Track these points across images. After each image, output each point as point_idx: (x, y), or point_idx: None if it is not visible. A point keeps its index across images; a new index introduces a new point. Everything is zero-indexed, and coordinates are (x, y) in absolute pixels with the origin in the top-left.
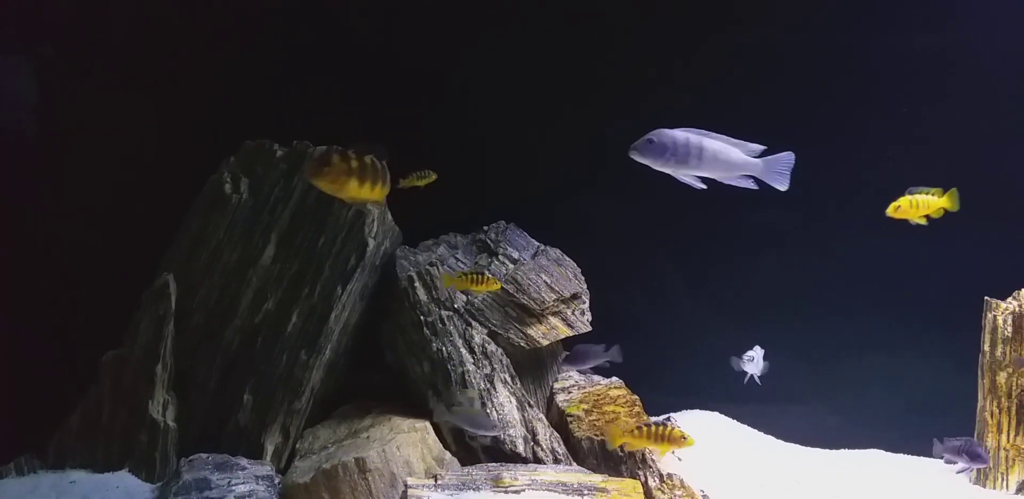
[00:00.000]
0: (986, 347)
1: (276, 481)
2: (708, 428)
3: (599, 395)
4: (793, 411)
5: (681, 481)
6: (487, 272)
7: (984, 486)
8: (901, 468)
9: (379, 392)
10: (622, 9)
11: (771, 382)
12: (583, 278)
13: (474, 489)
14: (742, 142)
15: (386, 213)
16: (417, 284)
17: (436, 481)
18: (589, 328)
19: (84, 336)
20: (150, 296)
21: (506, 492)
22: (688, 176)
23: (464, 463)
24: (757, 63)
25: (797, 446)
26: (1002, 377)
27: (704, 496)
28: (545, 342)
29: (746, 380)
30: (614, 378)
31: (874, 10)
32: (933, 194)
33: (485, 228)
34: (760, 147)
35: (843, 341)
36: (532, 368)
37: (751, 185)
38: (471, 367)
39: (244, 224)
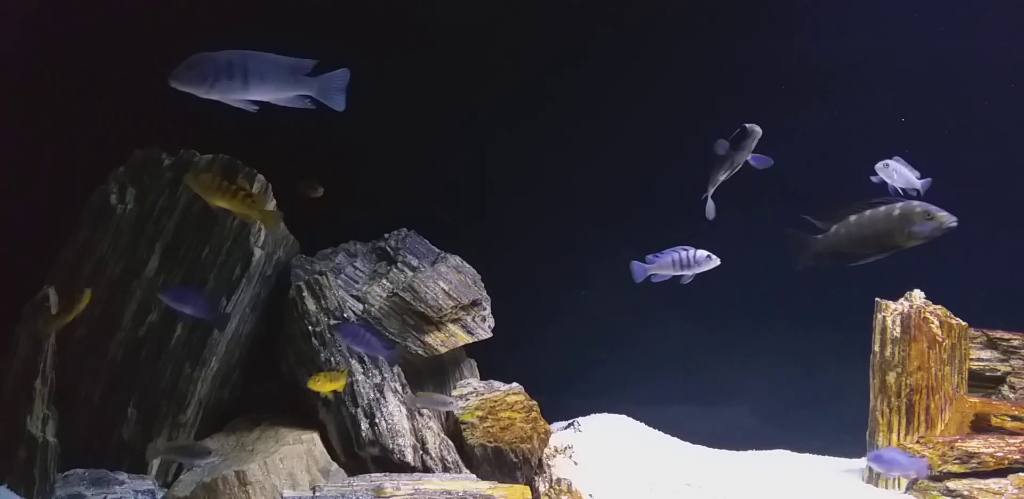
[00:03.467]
0: (876, 347)
1: (158, 495)
2: (613, 431)
3: (496, 401)
4: (704, 413)
5: (569, 485)
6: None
7: (876, 485)
8: (800, 468)
9: (275, 403)
10: (528, 12)
11: (683, 385)
12: (483, 285)
13: None
14: (293, 59)
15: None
16: (305, 294)
17: (315, 493)
18: (490, 334)
19: None
20: (29, 309)
21: None
22: (239, 102)
23: (354, 473)
24: (656, 65)
25: (704, 448)
26: (892, 377)
27: None
28: (443, 349)
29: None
30: (514, 384)
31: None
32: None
33: (386, 236)
34: (311, 62)
35: (752, 345)
36: (433, 375)
37: (308, 105)
38: (360, 377)
39: (129, 235)
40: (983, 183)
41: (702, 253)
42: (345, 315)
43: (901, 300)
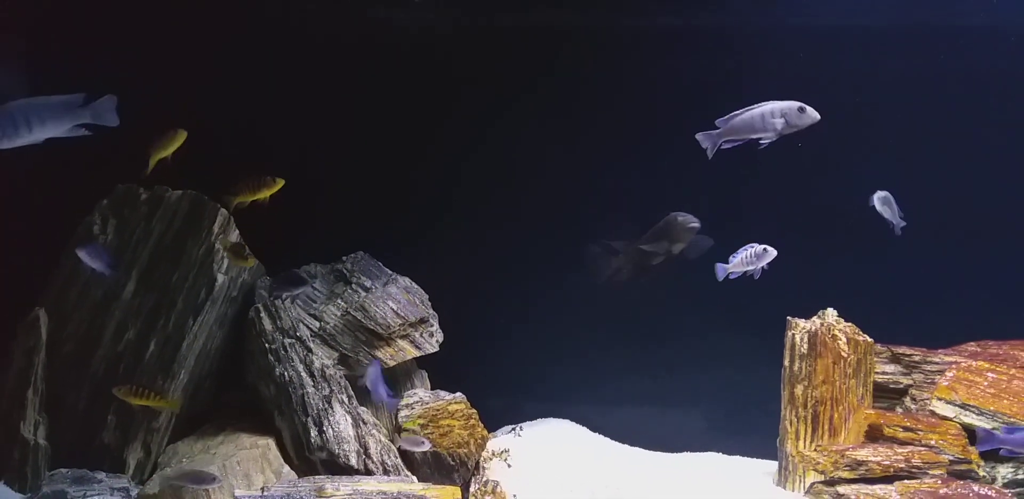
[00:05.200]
0: (786, 362)
1: (133, 492)
2: (554, 435)
3: (438, 410)
4: (645, 418)
5: (494, 487)
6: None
7: (784, 488)
8: (723, 470)
9: (240, 411)
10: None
11: (627, 392)
12: (430, 304)
13: None
14: (65, 97)
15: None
16: (263, 315)
17: (263, 492)
18: (436, 349)
19: None
20: (23, 328)
21: None
22: (29, 143)
23: (305, 475)
24: (607, 86)
25: (640, 450)
26: (799, 389)
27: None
28: (392, 363)
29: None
30: (458, 394)
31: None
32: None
33: (344, 259)
34: (81, 96)
35: (695, 354)
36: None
37: (83, 132)
38: (311, 389)
39: None
40: (907, 207)
41: (759, 247)
42: (298, 334)
43: (814, 318)
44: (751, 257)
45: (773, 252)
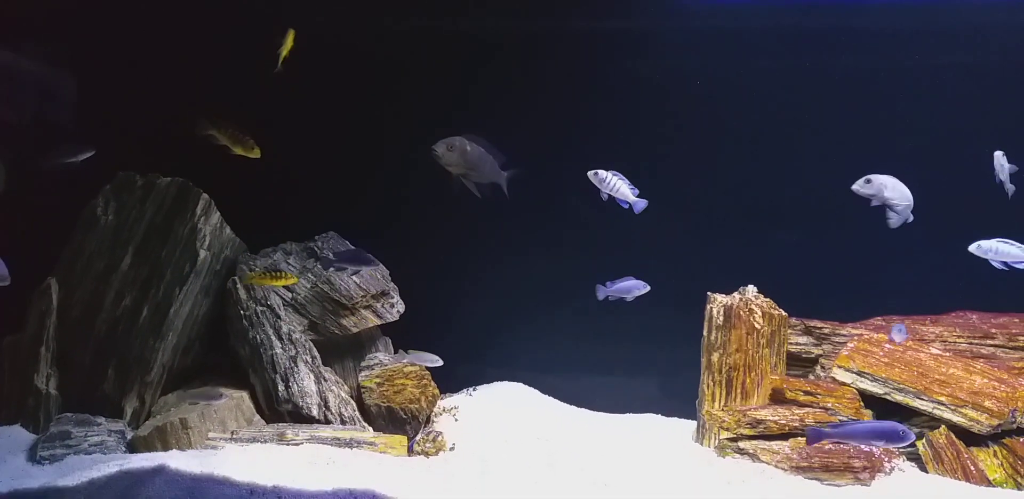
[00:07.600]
0: (705, 332)
1: (126, 435)
2: (504, 396)
3: (394, 371)
4: (595, 382)
5: (436, 436)
6: (284, 269)
7: (701, 444)
8: (653, 428)
9: (223, 369)
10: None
11: (579, 358)
12: (390, 279)
13: (262, 442)
14: None
15: (224, 228)
16: (239, 286)
17: (232, 436)
18: (396, 318)
19: None
20: (37, 295)
21: (288, 445)
22: None
23: (272, 423)
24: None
25: (585, 411)
26: (716, 357)
27: (452, 448)
28: (355, 329)
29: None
30: None
31: None
32: None
33: (316, 238)
34: None
35: (642, 325)
36: (352, 349)
37: None
38: (279, 350)
39: (109, 239)
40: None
41: (639, 283)
42: (269, 302)
43: (735, 293)
44: (627, 290)
45: (646, 288)
